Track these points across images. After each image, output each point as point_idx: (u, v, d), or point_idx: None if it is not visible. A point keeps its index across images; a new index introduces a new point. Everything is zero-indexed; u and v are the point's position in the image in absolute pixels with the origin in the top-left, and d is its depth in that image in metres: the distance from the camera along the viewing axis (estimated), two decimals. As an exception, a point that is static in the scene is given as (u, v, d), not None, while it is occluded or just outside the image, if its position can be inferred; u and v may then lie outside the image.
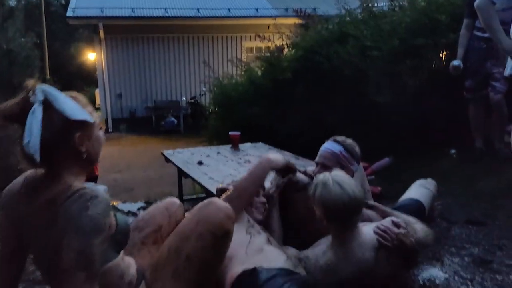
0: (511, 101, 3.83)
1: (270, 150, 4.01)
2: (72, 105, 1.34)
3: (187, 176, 3.41)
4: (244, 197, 2.00)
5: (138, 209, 4.19)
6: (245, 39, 13.26)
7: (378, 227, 1.85)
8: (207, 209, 1.61)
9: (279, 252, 1.85)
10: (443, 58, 4.66)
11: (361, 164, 2.82)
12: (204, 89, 9.56)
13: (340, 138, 2.29)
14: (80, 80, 21.21)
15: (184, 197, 4.13)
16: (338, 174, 1.90)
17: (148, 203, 4.37)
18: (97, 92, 14.46)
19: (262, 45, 7.42)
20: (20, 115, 1.29)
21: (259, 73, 6.27)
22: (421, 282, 2.11)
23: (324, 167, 2.20)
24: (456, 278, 2.16)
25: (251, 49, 12.77)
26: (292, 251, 2.00)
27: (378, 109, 4.48)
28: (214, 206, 1.60)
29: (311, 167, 2.44)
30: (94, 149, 1.42)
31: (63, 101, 1.33)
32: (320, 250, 1.95)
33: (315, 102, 5.02)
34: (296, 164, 2.32)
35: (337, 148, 2.24)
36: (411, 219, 2.07)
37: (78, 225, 1.22)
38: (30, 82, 1.33)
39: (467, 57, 3.99)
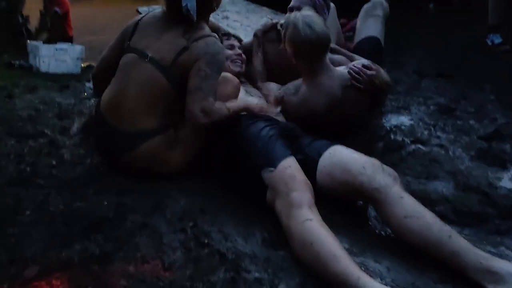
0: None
1: (248, 6, 3.93)
2: None
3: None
4: None
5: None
6: None
7: (351, 69, 1.97)
8: (224, 87, 1.82)
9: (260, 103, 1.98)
10: None
11: (339, 19, 2.85)
12: None
13: None
14: None
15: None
16: (308, 14, 1.97)
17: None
18: None
19: None
20: None
21: None
22: (388, 128, 2.29)
23: (299, 10, 2.24)
24: (420, 124, 2.35)
25: None
26: (273, 85, 2.18)
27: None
28: (230, 83, 1.86)
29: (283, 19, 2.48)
30: (218, 5, 1.89)
31: None
32: (298, 82, 2.10)
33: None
34: (274, 19, 2.37)
35: None
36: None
37: (212, 60, 1.70)
38: None
39: None
